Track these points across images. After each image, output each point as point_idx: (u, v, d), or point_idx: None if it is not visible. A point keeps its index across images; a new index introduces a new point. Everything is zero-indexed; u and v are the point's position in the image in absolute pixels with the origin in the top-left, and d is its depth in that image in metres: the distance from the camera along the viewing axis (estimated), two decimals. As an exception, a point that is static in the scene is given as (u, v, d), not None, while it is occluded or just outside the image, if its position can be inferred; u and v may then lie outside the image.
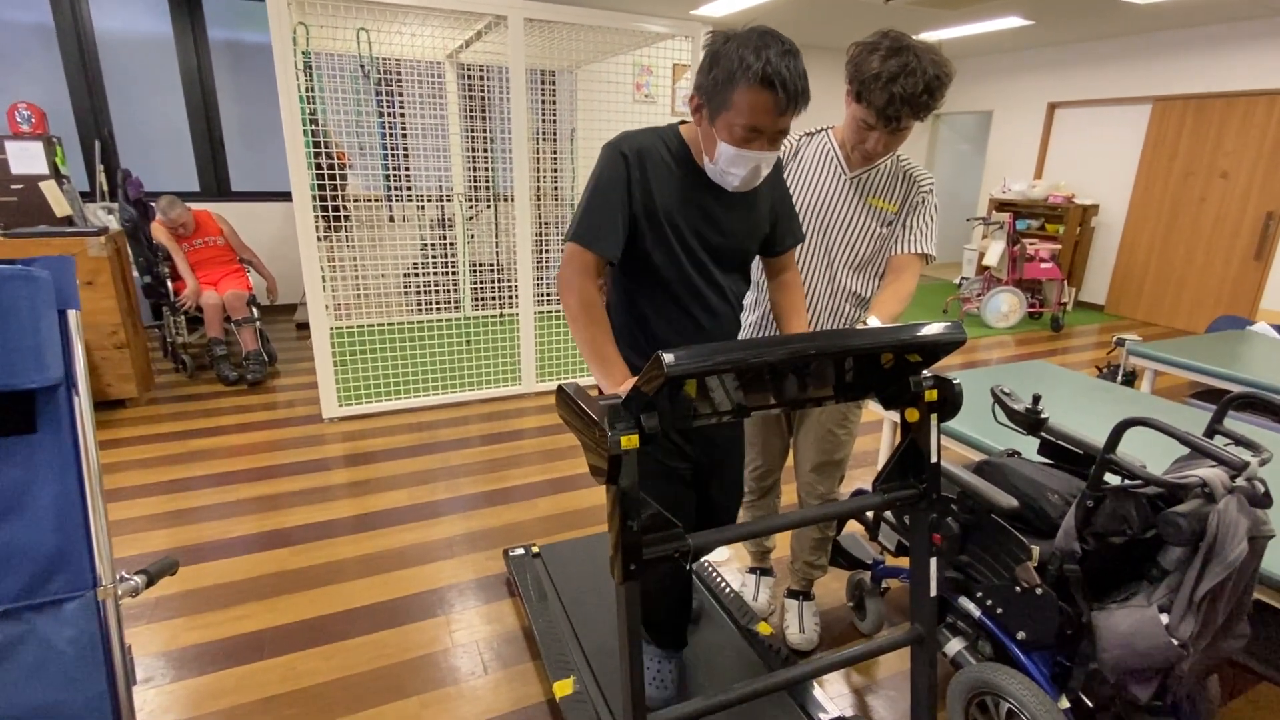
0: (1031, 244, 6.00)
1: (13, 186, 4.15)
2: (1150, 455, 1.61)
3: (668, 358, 0.92)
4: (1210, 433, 1.53)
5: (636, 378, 1.02)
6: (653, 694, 1.64)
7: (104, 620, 0.93)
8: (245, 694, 1.77)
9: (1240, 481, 1.30)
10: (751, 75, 1.16)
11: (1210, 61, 5.53)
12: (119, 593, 0.94)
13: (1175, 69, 5.76)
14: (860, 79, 1.42)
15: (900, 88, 1.37)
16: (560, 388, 1.15)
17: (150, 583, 0.98)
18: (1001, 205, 6.84)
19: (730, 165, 1.26)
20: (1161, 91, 5.86)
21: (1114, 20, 5.47)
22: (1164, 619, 1.30)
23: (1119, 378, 3.81)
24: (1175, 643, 1.28)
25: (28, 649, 0.88)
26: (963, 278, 6.84)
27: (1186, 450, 1.42)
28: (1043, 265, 5.88)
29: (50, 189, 4.23)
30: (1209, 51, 5.53)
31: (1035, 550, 1.46)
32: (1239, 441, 1.50)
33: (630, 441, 1.01)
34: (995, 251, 6.00)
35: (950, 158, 8.56)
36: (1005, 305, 5.81)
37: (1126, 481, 1.39)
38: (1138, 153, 6.14)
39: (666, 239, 1.34)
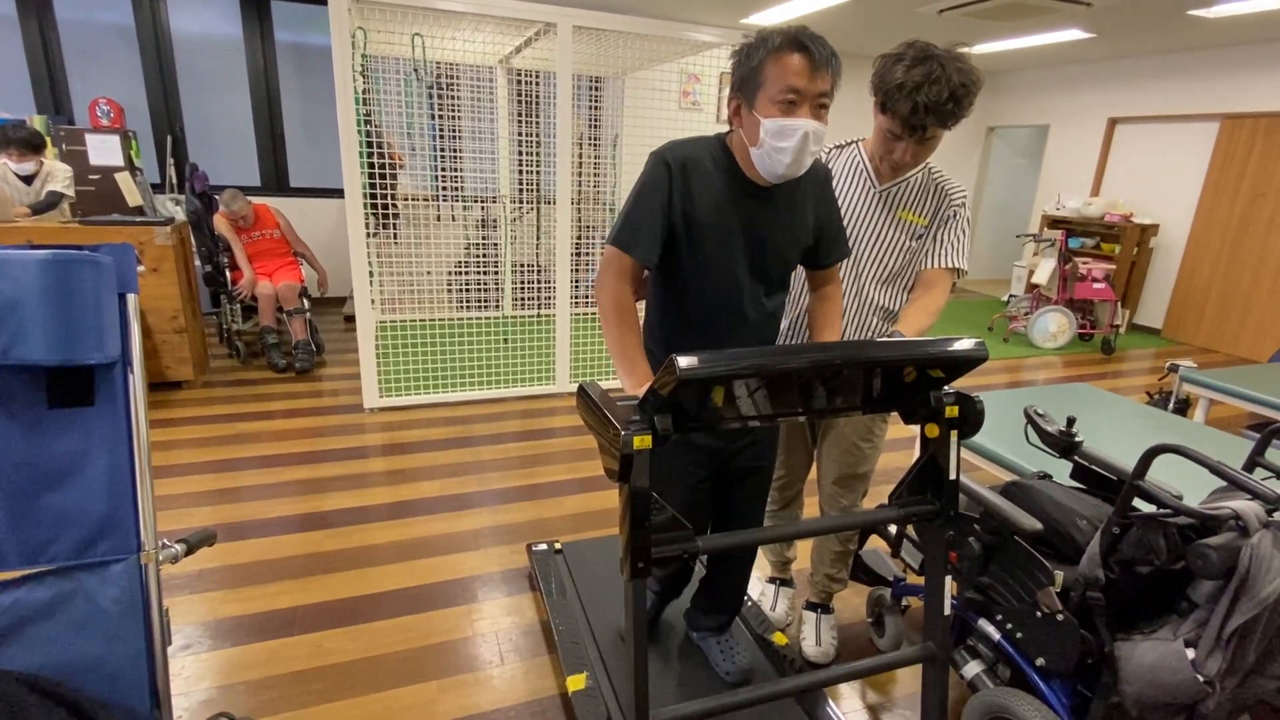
0: (1084, 263, 5.80)
1: (90, 177, 4.40)
2: (1192, 486, 1.56)
3: (681, 361, 0.94)
4: (1250, 465, 1.47)
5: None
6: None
7: (145, 583, 1.00)
8: (275, 667, 1.85)
9: (1277, 516, 1.25)
10: (780, 42, 1.22)
11: (1286, 79, 5.28)
12: (160, 558, 1.01)
13: (1247, 86, 5.51)
14: (885, 89, 1.42)
15: (925, 96, 1.36)
16: (581, 387, 1.18)
17: (189, 551, 1.05)
18: (1054, 222, 6.64)
19: (777, 138, 1.24)
20: (1231, 109, 5.61)
21: (1182, 34, 5.26)
22: (1190, 654, 1.26)
23: (1170, 405, 3.66)
24: (1201, 679, 1.24)
25: (76, 605, 0.95)
26: (1010, 295, 6.67)
27: (1226, 482, 1.37)
28: (1095, 285, 5.68)
29: (125, 180, 4.47)
30: (1285, 68, 5.29)
31: (1059, 575, 1.43)
32: (1281, 475, 1.44)
33: (643, 441, 1.03)
34: (1045, 270, 5.83)
35: (1003, 172, 8.35)
36: (1054, 325, 5.64)
37: (1156, 510, 1.35)
38: (1203, 172, 5.89)
39: (703, 248, 1.36)
